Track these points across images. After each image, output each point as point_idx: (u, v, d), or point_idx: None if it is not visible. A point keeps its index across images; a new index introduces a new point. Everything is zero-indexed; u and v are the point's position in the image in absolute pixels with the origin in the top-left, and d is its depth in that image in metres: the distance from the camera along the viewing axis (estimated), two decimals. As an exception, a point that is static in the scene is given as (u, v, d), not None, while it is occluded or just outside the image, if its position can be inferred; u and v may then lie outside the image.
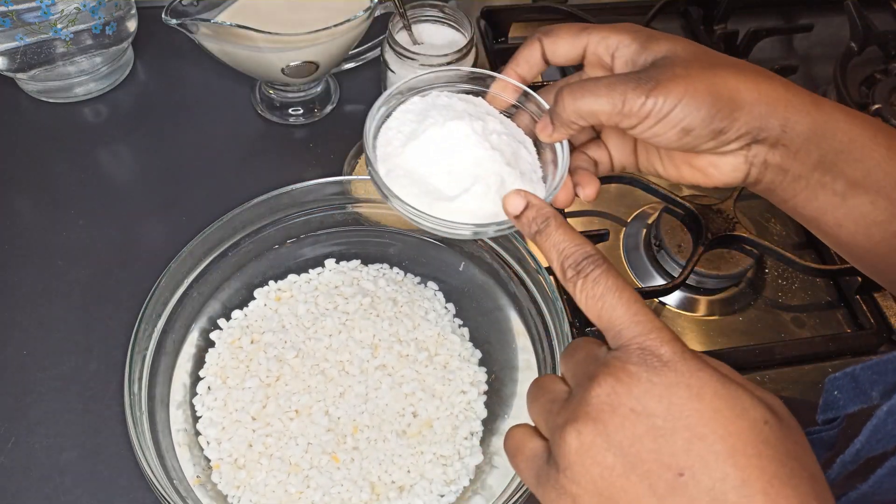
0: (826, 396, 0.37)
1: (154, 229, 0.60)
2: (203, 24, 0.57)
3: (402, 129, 0.41)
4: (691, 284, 0.59)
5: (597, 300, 0.31)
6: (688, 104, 0.35)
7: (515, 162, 0.40)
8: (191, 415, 0.49)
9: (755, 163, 0.38)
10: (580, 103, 0.37)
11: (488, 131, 0.40)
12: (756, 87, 0.36)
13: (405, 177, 0.39)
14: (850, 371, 0.36)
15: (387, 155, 0.40)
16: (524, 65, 0.41)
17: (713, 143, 0.37)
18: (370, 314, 0.53)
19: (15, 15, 0.59)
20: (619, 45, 0.39)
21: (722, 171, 0.39)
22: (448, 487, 0.47)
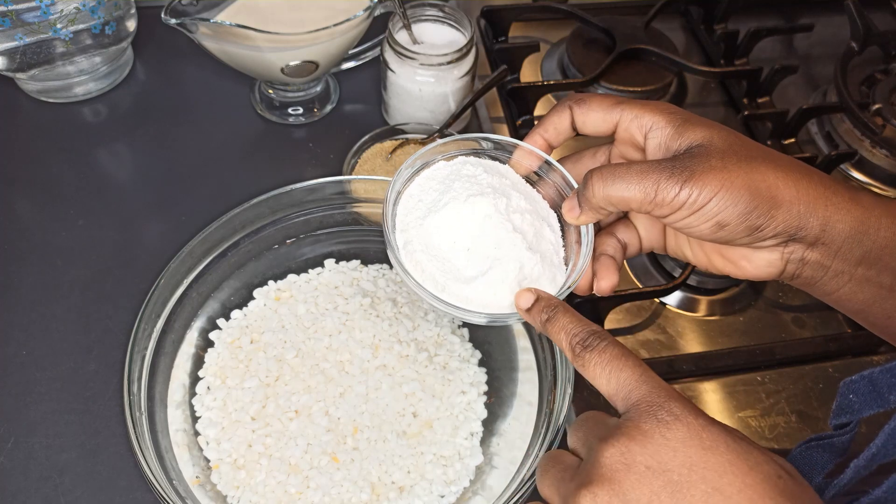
0: (840, 400, 0.36)
1: (154, 229, 0.60)
2: (203, 24, 0.57)
3: (424, 199, 0.40)
4: (692, 284, 0.59)
5: (604, 367, 0.32)
6: (724, 198, 0.34)
7: (537, 244, 0.39)
8: (190, 415, 0.49)
9: (792, 259, 0.37)
10: (610, 189, 0.36)
11: (511, 209, 0.39)
12: (795, 184, 0.35)
13: (422, 251, 0.38)
14: (867, 374, 0.35)
15: (406, 225, 0.39)
16: (552, 131, 0.40)
17: (748, 238, 0.36)
18: (370, 314, 0.53)
19: (15, 15, 0.59)
20: (652, 126, 0.37)
21: (756, 264, 0.37)
22: (448, 488, 0.47)
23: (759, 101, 0.72)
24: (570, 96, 0.40)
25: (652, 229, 0.41)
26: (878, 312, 0.37)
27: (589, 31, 0.74)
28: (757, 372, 0.55)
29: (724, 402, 0.54)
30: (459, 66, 0.62)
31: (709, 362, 0.55)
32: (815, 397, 0.54)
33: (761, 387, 0.54)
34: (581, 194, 0.37)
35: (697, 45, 0.78)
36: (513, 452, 0.48)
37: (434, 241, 0.38)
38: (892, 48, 0.74)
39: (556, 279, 0.39)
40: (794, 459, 0.39)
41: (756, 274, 0.38)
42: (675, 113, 0.38)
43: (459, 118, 0.63)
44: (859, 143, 0.69)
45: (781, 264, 0.37)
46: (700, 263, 0.40)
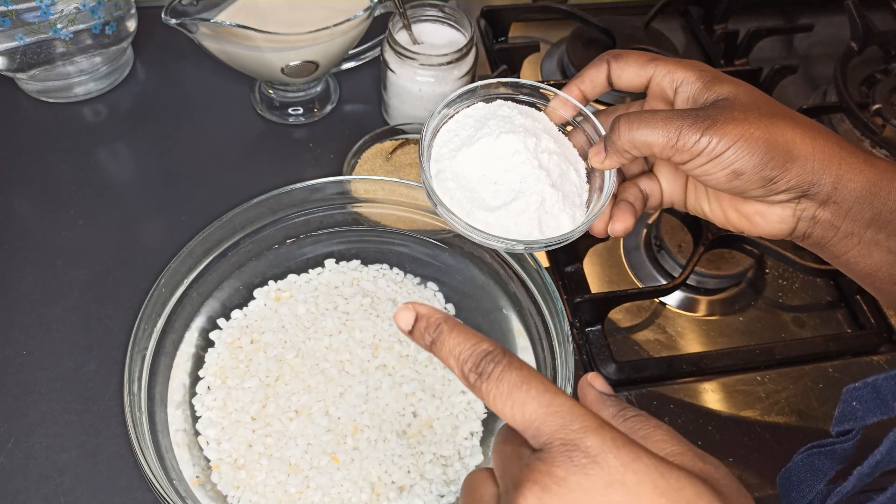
0: (843, 407, 0.36)
1: (154, 229, 0.60)
2: (203, 24, 0.57)
3: (460, 133, 0.42)
4: (691, 284, 0.59)
5: (505, 399, 0.28)
6: (741, 147, 0.35)
7: (561, 183, 0.41)
8: (190, 415, 0.49)
9: (804, 217, 0.38)
10: (636, 133, 0.37)
11: (540, 149, 0.41)
12: (812, 141, 0.36)
13: (452, 180, 0.41)
14: (871, 381, 0.35)
15: (440, 156, 0.42)
16: (588, 83, 0.42)
17: (762, 190, 0.37)
18: (370, 314, 0.53)
19: (15, 15, 0.59)
20: (683, 80, 0.39)
21: (769, 220, 0.39)
22: (448, 487, 0.47)
23: (759, 101, 0.72)
24: (608, 51, 0.42)
25: (674, 183, 0.43)
26: (885, 277, 0.38)
27: (589, 31, 0.74)
28: (757, 372, 0.55)
29: (724, 402, 0.54)
30: (459, 67, 0.62)
31: (709, 362, 0.55)
32: (815, 397, 0.54)
33: (761, 387, 0.54)
34: (608, 138, 0.39)
35: (697, 45, 0.78)
36: (513, 452, 0.48)
37: (465, 172, 0.41)
38: (892, 48, 0.74)
39: (576, 217, 0.41)
40: (796, 466, 0.39)
41: (769, 230, 0.39)
42: (705, 70, 0.39)
43: (459, 118, 0.63)
44: (859, 143, 0.69)
45: (793, 221, 0.38)
46: (717, 219, 0.41)
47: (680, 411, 0.53)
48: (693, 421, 0.52)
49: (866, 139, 0.69)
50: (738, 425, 0.52)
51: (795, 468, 0.39)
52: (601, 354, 0.54)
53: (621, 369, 0.53)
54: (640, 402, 0.53)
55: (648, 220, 0.63)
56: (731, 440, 0.52)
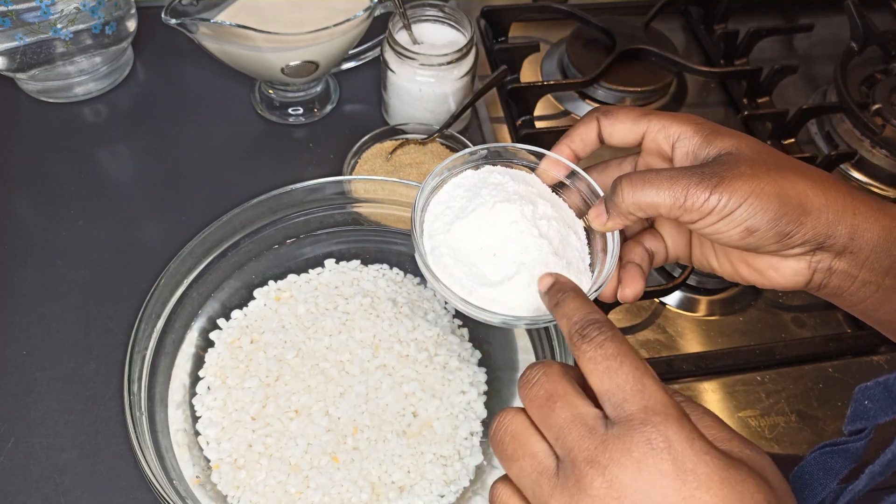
0: (855, 406, 0.36)
1: (154, 229, 0.60)
2: (203, 24, 0.57)
3: (452, 205, 0.40)
4: (692, 284, 0.59)
5: (597, 364, 0.30)
6: (753, 204, 0.34)
7: (563, 250, 0.39)
8: (190, 415, 0.49)
9: (819, 269, 0.37)
10: (640, 195, 0.36)
11: (538, 216, 0.39)
12: (824, 192, 0.35)
13: (449, 256, 0.39)
14: (882, 380, 0.34)
15: (433, 231, 0.40)
16: (579, 142, 0.41)
17: (777, 245, 0.36)
18: (370, 314, 0.53)
19: (15, 15, 0.59)
20: (680, 136, 0.38)
21: (782, 274, 0.38)
22: (448, 488, 0.47)
23: (758, 102, 0.72)
24: (597, 108, 0.41)
25: (678, 238, 0.42)
26: None
27: (589, 31, 0.74)
28: (757, 372, 0.55)
29: (724, 402, 0.54)
30: (459, 67, 0.62)
31: (709, 362, 0.55)
32: (815, 397, 0.54)
33: (761, 387, 0.54)
34: (609, 200, 0.37)
35: (697, 45, 0.78)
36: (513, 452, 0.48)
37: (461, 247, 0.39)
38: (892, 48, 0.74)
39: (583, 284, 0.39)
40: (809, 465, 0.38)
41: (783, 283, 0.38)
42: (702, 124, 0.38)
43: (459, 118, 0.63)
44: (859, 143, 0.69)
45: (809, 273, 0.37)
46: (726, 273, 0.40)
47: (680, 411, 0.53)
48: (693, 421, 0.52)
49: (866, 139, 0.69)
50: (738, 425, 0.52)
51: (808, 467, 0.38)
52: (601, 354, 0.54)
53: (621, 369, 0.53)
54: (640, 402, 0.53)
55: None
56: (731, 440, 0.52)
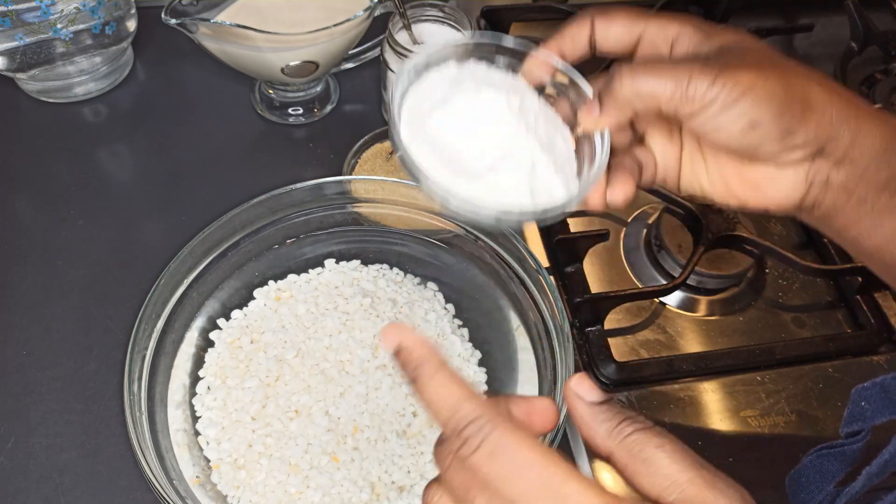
0: (852, 408, 0.35)
1: (154, 229, 0.60)
2: (203, 24, 0.57)
3: (433, 95, 0.36)
4: (691, 284, 0.59)
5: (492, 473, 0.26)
6: (758, 95, 0.32)
7: (550, 149, 0.36)
8: (190, 415, 0.49)
9: (816, 181, 0.35)
10: (640, 82, 0.33)
11: (525, 109, 0.36)
12: (828, 91, 0.33)
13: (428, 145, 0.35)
14: (879, 381, 0.34)
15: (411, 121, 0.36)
16: (569, 42, 0.37)
17: (779, 145, 0.33)
18: (370, 314, 0.53)
19: (15, 15, 0.59)
20: (679, 34, 0.35)
21: (779, 187, 0.35)
22: (448, 487, 0.47)
23: (758, 101, 0.72)
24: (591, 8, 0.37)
25: (669, 153, 0.38)
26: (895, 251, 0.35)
27: (589, 31, 0.74)
28: (757, 372, 0.55)
29: (724, 402, 0.54)
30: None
31: (709, 362, 0.55)
32: (815, 397, 0.54)
33: (761, 387, 0.54)
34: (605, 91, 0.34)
35: (697, 45, 0.78)
36: (513, 452, 0.48)
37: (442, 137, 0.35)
38: (892, 48, 0.74)
39: (570, 186, 0.36)
40: (805, 468, 0.38)
41: (779, 200, 0.36)
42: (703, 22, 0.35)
43: (459, 118, 0.63)
44: (859, 143, 0.69)
45: (805, 186, 0.35)
46: (717, 192, 0.37)
47: (680, 411, 0.53)
48: (693, 421, 0.52)
49: (866, 139, 0.68)
50: (738, 425, 0.52)
51: (805, 470, 0.38)
52: (601, 354, 0.54)
53: (621, 369, 0.53)
54: (640, 402, 0.53)
55: (648, 220, 0.63)
56: (731, 440, 0.52)
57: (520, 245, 0.51)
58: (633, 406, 0.53)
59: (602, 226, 0.62)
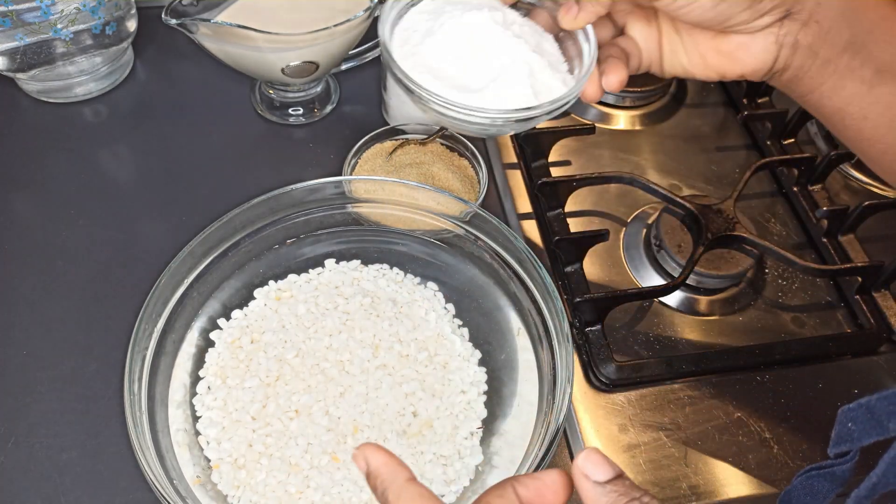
0: (839, 428, 0.35)
1: (154, 229, 0.60)
2: (203, 24, 0.57)
3: (418, 28, 0.38)
4: (691, 284, 0.59)
5: None
6: None
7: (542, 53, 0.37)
8: (191, 414, 0.49)
9: (785, 43, 0.37)
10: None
11: (509, 21, 0.38)
12: None
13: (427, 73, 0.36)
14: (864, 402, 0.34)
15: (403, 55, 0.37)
16: None
17: (749, 13, 0.36)
18: (370, 314, 0.53)
19: (15, 15, 0.59)
20: None
21: (751, 52, 0.37)
22: (448, 487, 0.47)
23: (758, 102, 0.72)
24: None
25: (650, 40, 0.41)
26: (855, 112, 0.38)
27: (589, 31, 0.74)
28: (757, 372, 0.55)
29: (724, 402, 0.54)
30: None
31: (709, 362, 0.55)
32: (815, 397, 0.54)
33: (761, 387, 0.54)
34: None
35: (697, 45, 0.78)
36: (513, 452, 0.48)
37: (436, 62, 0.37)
38: (892, 48, 0.74)
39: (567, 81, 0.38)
40: (795, 489, 0.38)
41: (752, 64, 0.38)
42: None
43: (459, 118, 0.63)
44: (859, 143, 0.69)
45: (776, 48, 0.37)
46: (697, 68, 0.40)
47: (680, 411, 0.53)
48: (693, 421, 0.53)
49: (866, 139, 0.69)
50: (737, 425, 0.52)
51: (795, 491, 0.38)
52: (601, 354, 0.54)
53: (621, 369, 0.53)
54: (639, 401, 0.53)
55: (648, 220, 0.63)
56: (731, 440, 0.52)
57: (520, 245, 0.51)
58: (632, 406, 0.53)
59: (602, 226, 0.62)
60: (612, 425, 0.52)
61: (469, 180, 0.60)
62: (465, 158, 0.62)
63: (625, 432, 0.52)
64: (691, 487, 0.50)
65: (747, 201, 0.64)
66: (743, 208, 0.62)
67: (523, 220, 0.63)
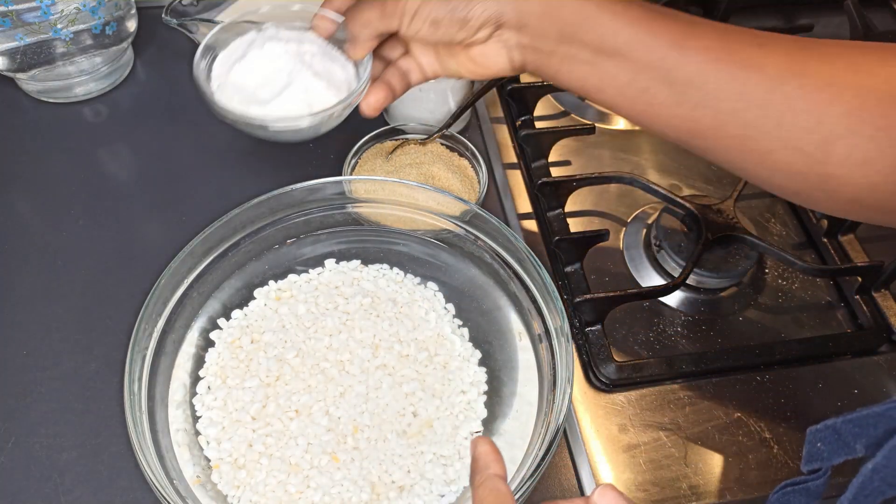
0: (809, 448, 0.36)
1: (154, 229, 0.60)
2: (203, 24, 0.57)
3: (234, 55, 0.50)
4: (691, 284, 0.59)
5: None
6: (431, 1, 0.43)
7: (328, 77, 0.48)
8: (191, 414, 0.49)
9: (510, 45, 0.44)
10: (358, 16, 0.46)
11: (302, 52, 0.48)
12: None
13: (233, 90, 0.48)
14: (831, 424, 0.35)
15: (217, 76, 0.49)
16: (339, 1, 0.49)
17: (464, 32, 0.44)
18: (370, 314, 0.53)
19: (15, 15, 0.59)
20: None
21: (491, 57, 0.45)
22: (448, 487, 0.47)
23: (758, 102, 0.72)
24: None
25: (426, 54, 0.49)
26: (591, 87, 0.44)
27: (589, 31, 0.74)
28: (757, 372, 0.55)
29: (724, 402, 0.54)
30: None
31: (709, 362, 0.55)
32: (815, 397, 0.54)
33: (761, 386, 0.54)
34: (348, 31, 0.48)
35: (697, 45, 0.78)
36: (513, 452, 0.48)
37: (241, 83, 0.48)
38: (892, 48, 0.74)
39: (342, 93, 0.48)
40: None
41: (496, 67, 0.46)
42: None
43: (459, 118, 0.63)
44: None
45: (506, 52, 0.45)
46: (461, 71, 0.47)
47: (680, 411, 0.53)
48: (693, 421, 0.53)
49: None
50: (737, 425, 0.52)
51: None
52: (601, 354, 0.54)
53: (621, 369, 0.53)
54: (639, 401, 0.53)
55: (648, 220, 0.63)
56: (731, 440, 0.52)
57: (520, 245, 0.51)
58: (632, 406, 0.53)
59: (602, 226, 0.62)
60: (612, 425, 0.52)
61: (469, 180, 0.60)
62: (465, 158, 0.62)
63: (625, 432, 0.52)
64: (691, 487, 0.50)
65: (747, 201, 0.64)
66: (743, 208, 0.62)
67: (523, 220, 0.63)
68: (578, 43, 0.42)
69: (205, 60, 0.50)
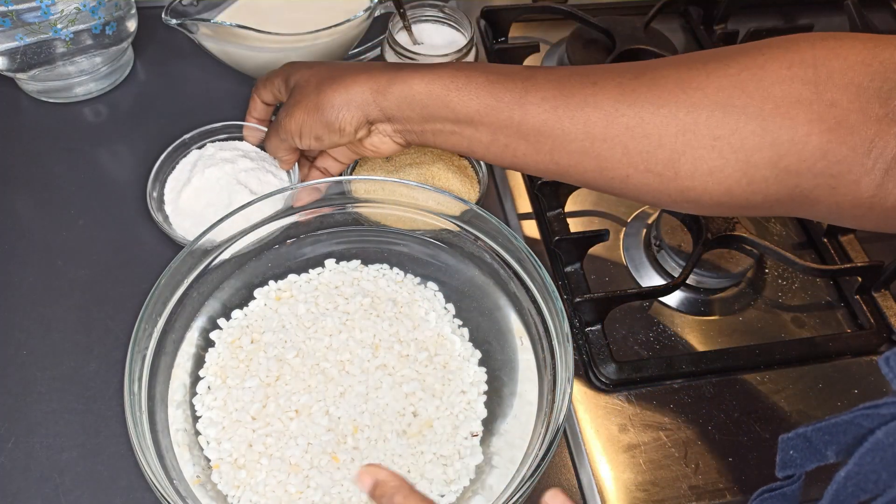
0: (782, 455, 0.37)
1: (154, 229, 0.60)
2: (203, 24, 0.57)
3: (180, 178, 0.58)
4: (691, 284, 0.59)
5: None
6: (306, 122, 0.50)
7: (260, 188, 0.56)
8: (191, 414, 0.49)
9: (389, 133, 0.50)
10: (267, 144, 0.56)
11: (238, 171, 0.56)
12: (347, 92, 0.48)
13: (184, 213, 0.56)
14: (801, 432, 0.35)
15: (170, 200, 0.57)
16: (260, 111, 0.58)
17: (345, 137, 0.50)
18: (370, 314, 0.53)
19: (15, 15, 0.59)
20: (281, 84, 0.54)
21: (380, 145, 0.51)
22: (448, 487, 0.47)
23: (758, 102, 0.72)
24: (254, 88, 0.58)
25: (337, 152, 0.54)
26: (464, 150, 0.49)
27: (589, 31, 0.74)
28: (757, 372, 0.55)
29: (724, 402, 0.54)
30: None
31: (708, 362, 0.55)
32: (815, 397, 0.54)
33: (761, 387, 0.54)
34: None
35: (697, 45, 0.78)
36: (513, 452, 0.48)
37: (190, 206, 0.56)
38: (892, 48, 0.74)
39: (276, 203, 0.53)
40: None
41: (389, 148, 0.51)
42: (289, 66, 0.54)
43: (459, 118, 0.63)
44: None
45: (388, 139, 0.51)
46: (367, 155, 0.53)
47: (680, 411, 0.53)
48: (692, 421, 0.53)
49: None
50: (737, 425, 0.52)
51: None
52: (601, 354, 0.54)
53: (621, 369, 0.53)
54: (639, 401, 0.53)
55: (648, 220, 0.63)
56: (731, 440, 0.52)
57: (520, 245, 0.51)
58: (632, 406, 0.53)
59: (602, 226, 0.62)
60: (612, 425, 0.52)
61: (469, 180, 0.60)
62: (466, 158, 0.62)
63: (625, 432, 0.52)
64: (691, 487, 0.50)
65: (747, 201, 0.64)
66: (743, 208, 0.62)
67: (523, 220, 0.63)
68: (439, 119, 0.47)
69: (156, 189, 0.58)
